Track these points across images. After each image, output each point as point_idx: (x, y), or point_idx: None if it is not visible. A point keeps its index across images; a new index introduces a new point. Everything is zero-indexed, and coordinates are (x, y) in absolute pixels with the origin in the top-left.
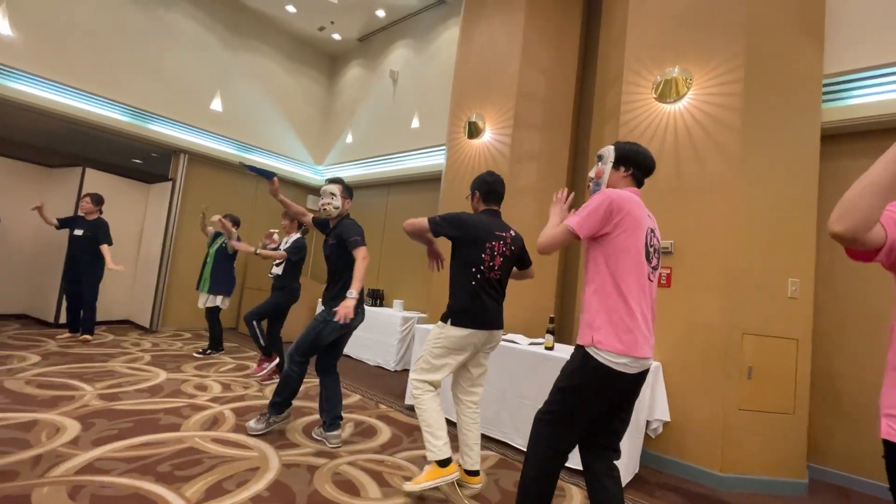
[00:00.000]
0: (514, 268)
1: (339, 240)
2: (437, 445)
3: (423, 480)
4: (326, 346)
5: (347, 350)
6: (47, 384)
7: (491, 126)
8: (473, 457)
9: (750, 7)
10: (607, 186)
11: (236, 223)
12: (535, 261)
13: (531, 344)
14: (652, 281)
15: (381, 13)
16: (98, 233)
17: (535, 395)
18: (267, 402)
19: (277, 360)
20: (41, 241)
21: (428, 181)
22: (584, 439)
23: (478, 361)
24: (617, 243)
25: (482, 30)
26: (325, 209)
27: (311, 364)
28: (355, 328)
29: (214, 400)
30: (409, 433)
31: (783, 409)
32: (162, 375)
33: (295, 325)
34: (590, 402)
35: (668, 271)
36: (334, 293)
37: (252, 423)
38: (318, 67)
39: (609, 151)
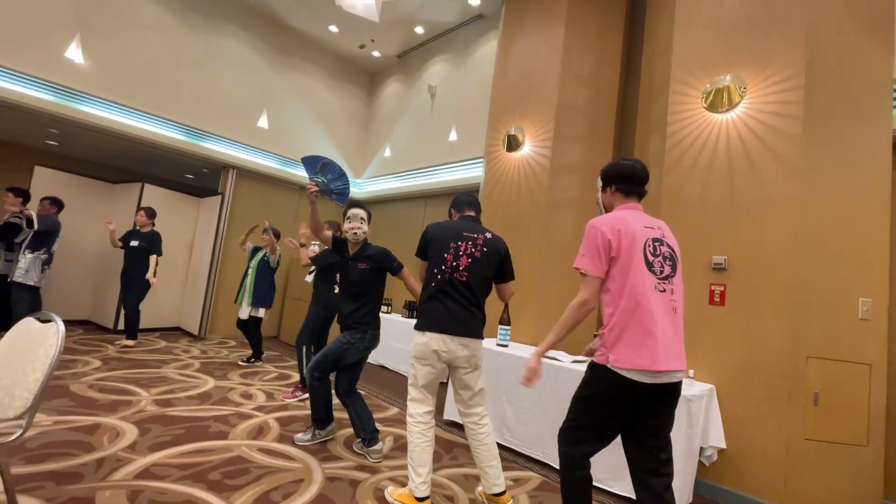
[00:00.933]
0: (494, 281)
1: (376, 264)
2: (416, 483)
3: (397, 499)
4: (346, 367)
5: (385, 361)
6: (108, 388)
7: (530, 138)
8: (491, 479)
9: (811, 10)
10: (605, 208)
11: (276, 235)
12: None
13: (574, 362)
14: (665, 291)
15: (419, 30)
16: (151, 244)
17: (563, 411)
18: (308, 411)
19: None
20: (104, 251)
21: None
22: (632, 472)
23: (462, 382)
24: (615, 264)
25: (521, 42)
26: (354, 233)
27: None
28: (372, 350)
29: (259, 409)
30: (449, 450)
31: (855, 440)
32: (210, 383)
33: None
34: (604, 409)
35: (722, 288)
36: (359, 317)
37: (300, 435)
38: (358, 84)
39: (599, 179)
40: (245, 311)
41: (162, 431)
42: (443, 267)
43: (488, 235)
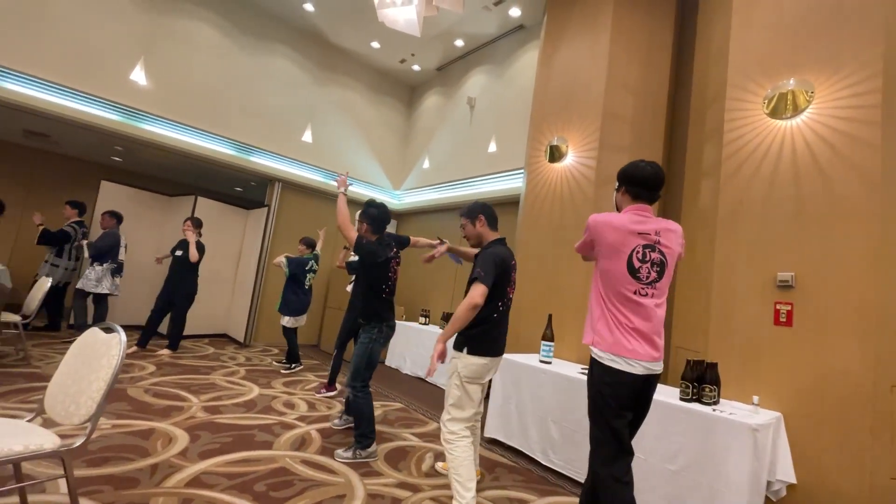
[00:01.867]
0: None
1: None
2: (467, 498)
3: None
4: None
5: (423, 373)
6: (162, 394)
7: (574, 148)
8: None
9: (889, 5)
10: (616, 207)
11: (310, 246)
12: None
13: None
14: (645, 295)
15: (459, 42)
16: (200, 247)
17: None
18: (340, 419)
19: (335, 392)
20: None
21: (504, 204)
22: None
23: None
24: (601, 263)
25: (564, 51)
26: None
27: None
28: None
29: (301, 419)
30: (491, 469)
31: None
32: (255, 391)
33: None
34: (609, 407)
35: (789, 308)
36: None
37: (340, 451)
38: (398, 97)
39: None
40: (281, 319)
41: (210, 439)
42: (504, 299)
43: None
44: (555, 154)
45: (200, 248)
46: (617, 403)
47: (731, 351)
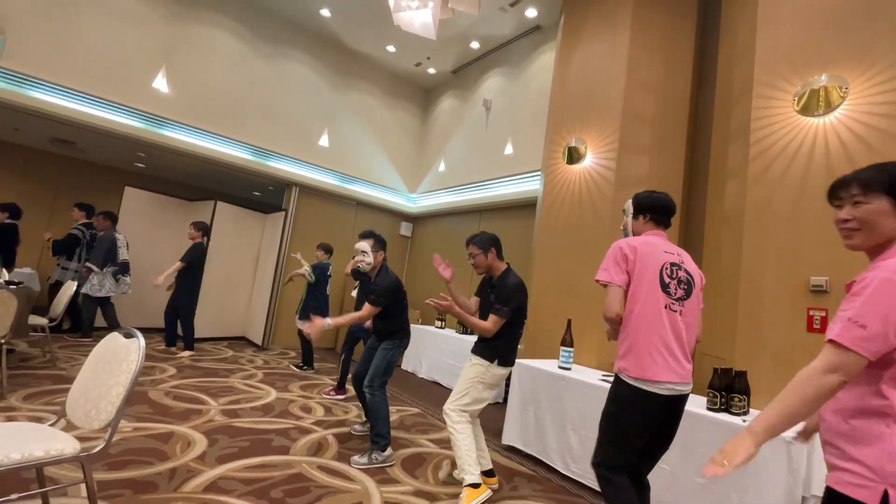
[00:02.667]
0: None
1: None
2: (476, 473)
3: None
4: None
5: (439, 377)
6: (181, 396)
7: (593, 150)
8: (486, 456)
9: None
10: (633, 233)
11: (328, 251)
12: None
13: None
14: (675, 311)
15: (475, 45)
16: (187, 252)
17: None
18: (363, 426)
19: (343, 396)
20: None
21: (521, 207)
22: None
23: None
24: (633, 283)
25: (582, 51)
26: (360, 265)
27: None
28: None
29: (318, 423)
30: (510, 478)
31: None
32: (273, 394)
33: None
34: (629, 423)
35: (824, 314)
36: (393, 327)
37: (356, 458)
38: (413, 100)
39: (629, 205)
40: (298, 324)
41: (228, 443)
42: (524, 320)
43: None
44: (573, 156)
45: (197, 251)
46: (644, 424)
47: (761, 359)
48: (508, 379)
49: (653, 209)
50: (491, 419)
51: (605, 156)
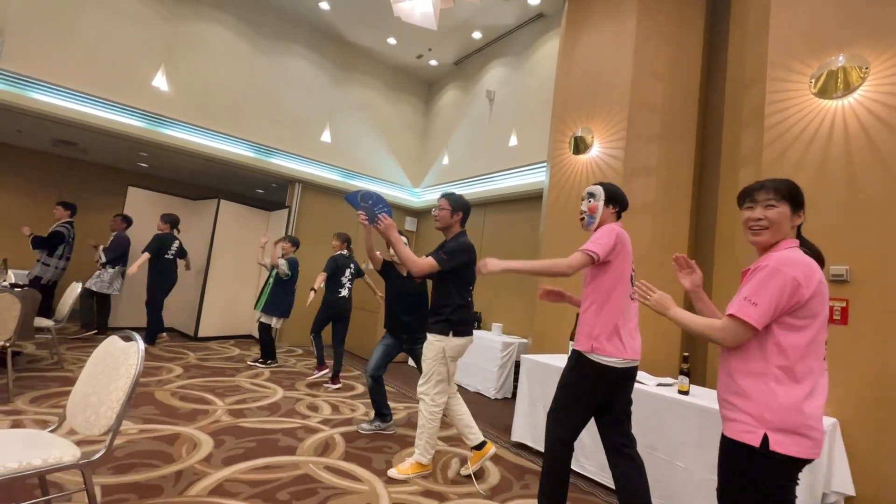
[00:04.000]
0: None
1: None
2: (430, 455)
3: (405, 472)
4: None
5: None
6: (188, 397)
7: (600, 140)
8: (475, 432)
9: None
10: (600, 221)
11: (296, 244)
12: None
13: (659, 385)
14: (634, 299)
15: (476, 35)
16: (149, 243)
17: (666, 447)
18: (371, 424)
19: (326, 370)
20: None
21: (526, 200)
22: (603, 441)
23: (454, 368)
24: (615, 269)
25: (587, 38)
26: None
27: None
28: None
29: (325, 422)
30: (520, 476)
31: None
32: (279, 393)
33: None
34: (586, 396)
35: (844, 304)
36: (423, 323)
37: (364, 425)
38: (415, 94)
39: (599, 191)
40: (257, 316)
41: (234, 444)
42: (473, 285)
43: None
44: (579, 146)
45: (154, 241)
46: (600, 395)
47: None
48: (517, 374)
49: (620, 203)
50: (500, 415)
51: (612, 145)
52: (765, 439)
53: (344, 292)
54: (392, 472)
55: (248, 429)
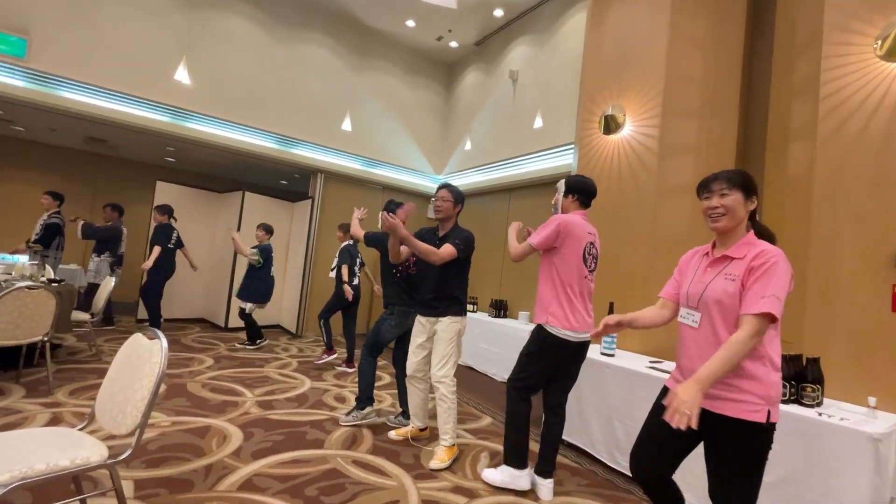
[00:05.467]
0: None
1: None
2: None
3: (444, 461)
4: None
5: (472, 362)
6: (218, 388)
7: (632, 117)
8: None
9: None
10: (562, 210)
11: (270, 232)
12: None
13: None
14: (588, 279)
15: (498, 12)
16: (154, 236)
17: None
18: (399, 414)
19: (335, 355)
20: (215, 256)
21: (552, 184)
22: (545, 400)
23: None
24: (563, 254)
25: (617, 8)
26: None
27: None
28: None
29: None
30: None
31: None
32: (307, 384)
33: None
34: (544, 363)
35: None
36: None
37: (343, 416)
38: (435, 78)
39: (561, 184)
40: (237, 303)
41: (263, 437)
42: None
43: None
44: (610, 125)
45: (158, 230)
46: (555, 364)
47: (835, 343)
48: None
49: (583, 192)
50: None
51: (646, 122)
52: (768, 414)
53: (356, 280)
54: (434, 464)
55: (277, 421)
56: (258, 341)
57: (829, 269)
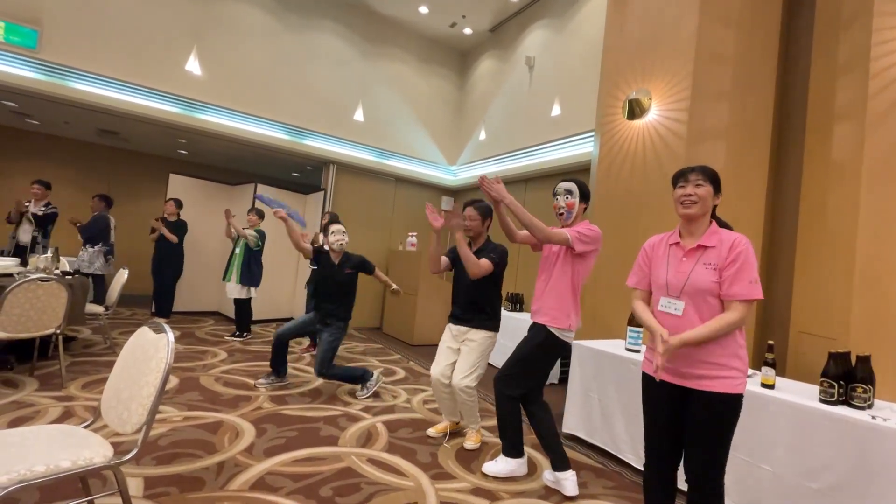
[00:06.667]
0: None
1: (359, 269)
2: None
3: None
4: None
5: (492, 359)
6: (231, 382)
7: (658, 101)
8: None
9: None
10: (574, 217)
11: (261, 216)
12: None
13: None
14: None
15: None
16: (175, 231)
17: (748, 447)
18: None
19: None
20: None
21: (572, 173)
22: (528, 397)
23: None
24: (587, 262)
25: None
26: (340, 244)
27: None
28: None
29: (366, 410)
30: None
31: None
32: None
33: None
34: (547, 368)
35: None
36: (344, 311)
37: (262, 379)
38: (448, 66)
39: (575, 189)
40: (233, 290)
41: (276, 433)
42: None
43: None
44: (635, 109)
45: (181, 227)
46: (553, 363)
47: (886, 340)
48: (567, 360)
49: (588, 200)
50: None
51: (674, 106)
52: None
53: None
54: (469, 444)
55: (290, 416)
56: (245, 335)
57: (879, 260)
